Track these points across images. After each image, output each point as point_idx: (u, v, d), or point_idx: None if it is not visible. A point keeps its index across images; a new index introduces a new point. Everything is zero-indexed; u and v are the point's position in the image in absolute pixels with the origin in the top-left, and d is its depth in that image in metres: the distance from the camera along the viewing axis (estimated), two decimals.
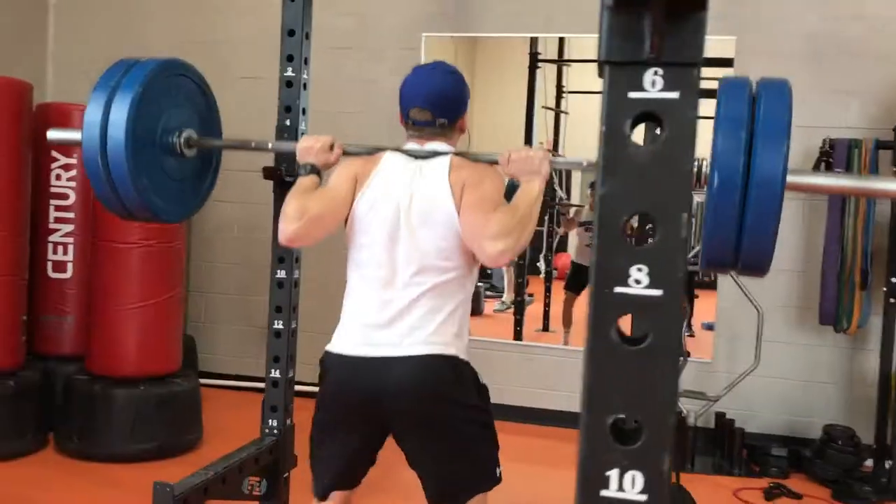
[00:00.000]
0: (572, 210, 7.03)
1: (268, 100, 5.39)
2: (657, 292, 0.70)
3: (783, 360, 4.72)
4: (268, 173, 2.72)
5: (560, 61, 7.93)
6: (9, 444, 3.88)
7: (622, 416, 0.71)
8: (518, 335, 6.38)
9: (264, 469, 2.73)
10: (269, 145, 2.59)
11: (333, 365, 2.06)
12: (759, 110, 1.75)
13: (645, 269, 0.70)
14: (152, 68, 2.36)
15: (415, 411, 2.00)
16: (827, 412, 4.67)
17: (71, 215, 4.41)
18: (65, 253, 4.43)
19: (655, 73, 0.69)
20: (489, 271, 9.61)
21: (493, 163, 2.13)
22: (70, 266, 4.42)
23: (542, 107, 7.67)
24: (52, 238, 4.43)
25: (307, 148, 2.24)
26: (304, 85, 2.78)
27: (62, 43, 5.78)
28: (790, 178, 1.90)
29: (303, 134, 2.79)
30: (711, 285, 5.13)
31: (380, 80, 5.31)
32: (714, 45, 5.21)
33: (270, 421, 2.80)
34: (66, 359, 4.33)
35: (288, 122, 2.75)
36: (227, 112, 5.20)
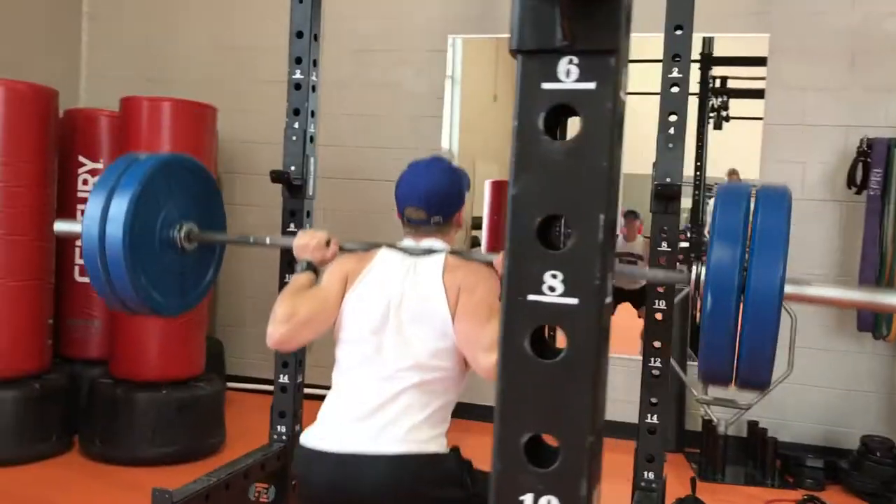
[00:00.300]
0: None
1: None
2: (573, 301, 0.63)
3: (819, 367, 4.57)
4: (275, 177, 2.70)
5: None
6: (33, 446, 3.92)
7: (537, 434, 0.65)
8: None
9: (272, 475, 2.70)
10: (267, 240, 2.61)
11: (305, 460, 2.00)
12: (757, 222, 1.72)
13: (560, 275, 0.64)
14: (152, 165, 2.39)
15: None
16: (865, 422, 4.50)
17: None
18: None
19: (570, 61, 0.63)
20: None
21: (488, 263, 2.12)
22: None
23: None
24: (80, 242, 4.46)
25: (303, 245, 2.25)
26: (314, 87, 2.76)
27: (95, 50, 5.85)
28: (789, 290, 1.85)
29: (312, 136, 2.77)
30: None
31: (406, 83, 5.28)
32: (747, 43, 5.09)
33: (279, 427, 2.78)
34: (92, 362, 4.37)
35: (297, 125, 2.72)
36: (259, 116, 5.31)
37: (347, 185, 5.37)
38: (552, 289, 0.64)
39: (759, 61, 4.91)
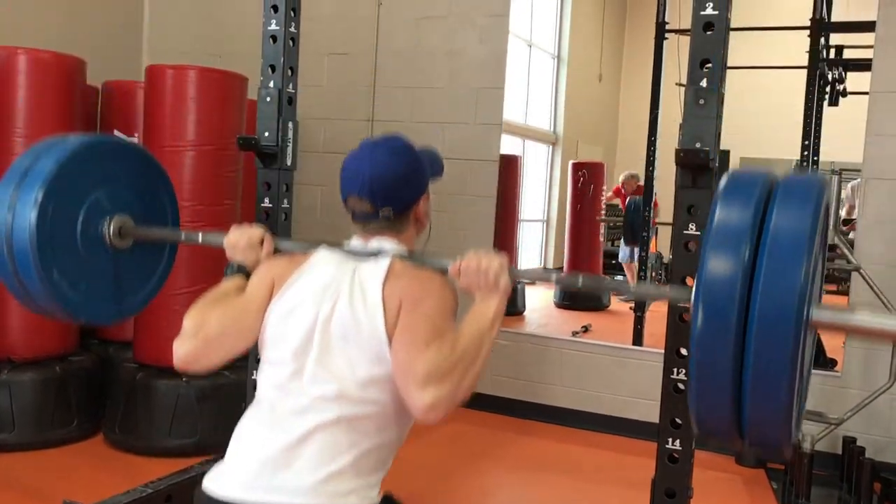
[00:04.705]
0: None
1: (358, 75, 5.10)
2: None
3: None
4: (243, 144, 2.36)
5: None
6: (53, 431, 3.77)
7: None
8: (638, 336, 5.72)
9: None
10: (199, 238, 2.22)
11: None
12: (772, 218, 1.28)
13: None
14: (75, 147, 2.08)
15: None
16: None
17: None
18: None
19: None
20: (614, 261, 8.94)
21: (443, 270, 1.69)
22: None
23: (676, 83, 6.94)
24: None
25: (232, 244, 1.90)
26: (293, 40, 2.39)
27: (156, 26, 5.72)
28: (819, 316, 1.36)
29: (290, 97, 2.40)
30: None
31: (467, 51, 4.86)
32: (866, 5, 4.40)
33: None
34: (129, 345, 4.18)
35: (271, 84, 2.36)
36: (318, 88, 5.03)
37: None
38: None
39: (863, 26, 4.23)
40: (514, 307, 7.16)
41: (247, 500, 1.51)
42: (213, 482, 1.59)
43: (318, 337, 1.58)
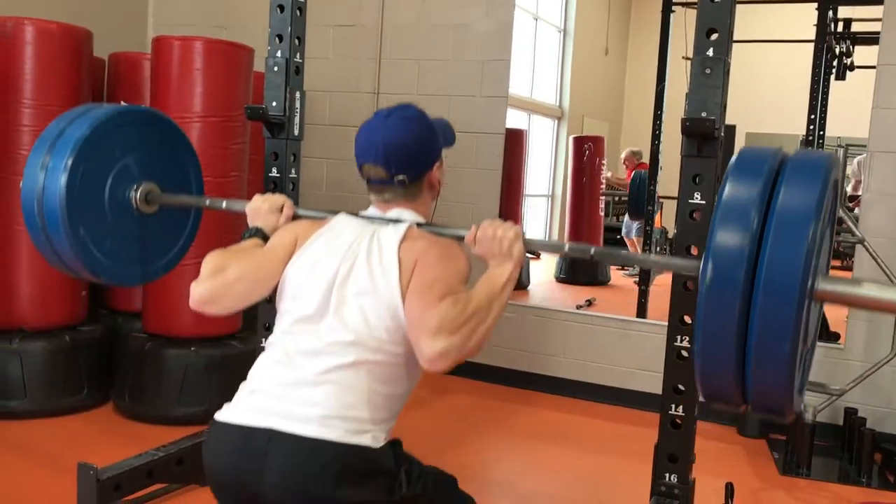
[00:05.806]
0: None
1: (363, 47, 5.10)
2: None
3: None
4: (251, 114, 2.37)
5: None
6: (63, 399, 3.82)
7: None
8: (642, 308, 5.76)
9: None
10: (224, 204, 2.29)
11: (211, 436, 1.65)
12: (780, 192, 1.32)
13: None
14: (107, 114, 2.18)
15: None
16: None
17: None
18: None
19: None
20: (618, 236, 8.96)
21: (459, 238, 1.77)
22: None
23: (683, 57, 6.92)
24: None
25: (255, 209, 2.02)
26: (300, 9, 2.40)
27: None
28: (824, 287, 1.39)
29: (297, 66, 2.41)
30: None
31: (473, 23, 4.85)
32: None
33: None
34: (137, 315, 4.22)
35: (279, 54, 2.37)
36: (324, 60, 5.03)
37: None
38: None
39: None
40: (518, 282, 7.20)
41: (259, 425, 1.55)
42: (224, 412, 1.64)
43: (336, 291, 1.64)
